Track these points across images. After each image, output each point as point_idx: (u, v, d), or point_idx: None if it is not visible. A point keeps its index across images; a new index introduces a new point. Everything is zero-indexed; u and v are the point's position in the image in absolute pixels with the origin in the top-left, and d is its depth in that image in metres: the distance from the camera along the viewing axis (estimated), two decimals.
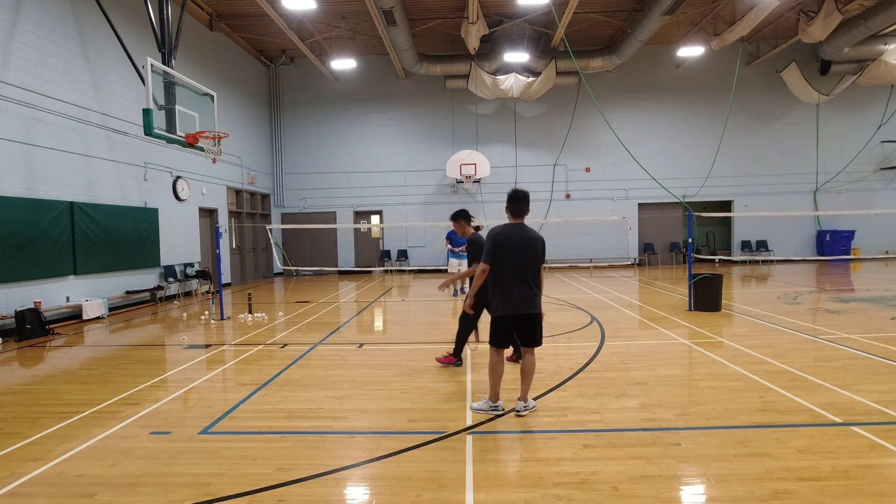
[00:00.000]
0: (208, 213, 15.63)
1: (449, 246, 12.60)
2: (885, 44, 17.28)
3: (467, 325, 5.92)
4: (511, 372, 5.52)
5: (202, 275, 14.15)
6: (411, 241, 20.25)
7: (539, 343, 4.44)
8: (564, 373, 5.61)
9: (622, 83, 19.51)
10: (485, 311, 5.48)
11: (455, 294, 12.93)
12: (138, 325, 9.81)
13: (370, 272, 20.15)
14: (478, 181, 19.51)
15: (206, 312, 10.28)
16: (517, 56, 17.28)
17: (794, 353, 6.26)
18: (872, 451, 3.59)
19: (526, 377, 4.40)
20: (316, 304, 11.76)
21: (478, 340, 6.02)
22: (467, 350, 6.88)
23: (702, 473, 3.34)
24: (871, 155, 19.37)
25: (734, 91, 16.95)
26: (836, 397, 4.64)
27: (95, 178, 10.85)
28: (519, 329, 4.40)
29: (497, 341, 4.42)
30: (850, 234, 18.77)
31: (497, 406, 4.47)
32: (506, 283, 4.30)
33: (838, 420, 4.12)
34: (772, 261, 19.42)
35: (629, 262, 19.74)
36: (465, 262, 12.70)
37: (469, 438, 3.97)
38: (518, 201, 4.42)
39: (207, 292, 13.96)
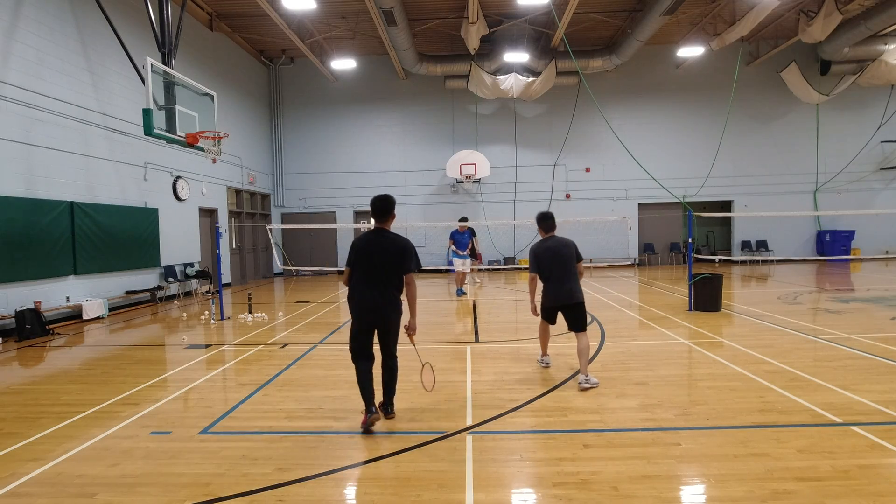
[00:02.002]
0: (208, 213, 15.63)
1: (453, 247, 12.61)
2: (885, 44, 17.28)
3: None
4: (508, 369, 5.49)
5: (202, 275, 14.15)
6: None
7: (583, 327, 5.29)
8: (565, 373, 5.60)
9: (622, 83, 19.49)
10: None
11: (459, 293, 12.92)
12: (138, 325, 9.81)
13: None
14: (478, 181, 19.50)
15: (206, 312, 10.27)
16: (517, 56, 17.27)
17: (794, 353, 6.26)
18: (872, 451, 3.59)
19: (581, 356, 5.18)
20: (316, 304, 11.76)
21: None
22: (468, 349, 6.89)
23: (702, 473, 3.34)
24: (871, 155, 19.36)
25: (734, 91, 16.94)
26: (836, 397, 4.64)
27: (95, 178, 10.85)
28: (564, 317, 5.39)
29: (543, 317, 5.72)
30: (850, 234, 18.75)
31: (543, 359, 5.96)
32: (549, 282, 5.43)
33: (838, 420, 4.12)
34: (772, 261, 19.41)
35: (629, 262, 19.74)
36: (468, 261, 12.73)
37: (469, 438, 3.97)
38: (547, 220, 5.59)
39: (207, 292, 13.95)
